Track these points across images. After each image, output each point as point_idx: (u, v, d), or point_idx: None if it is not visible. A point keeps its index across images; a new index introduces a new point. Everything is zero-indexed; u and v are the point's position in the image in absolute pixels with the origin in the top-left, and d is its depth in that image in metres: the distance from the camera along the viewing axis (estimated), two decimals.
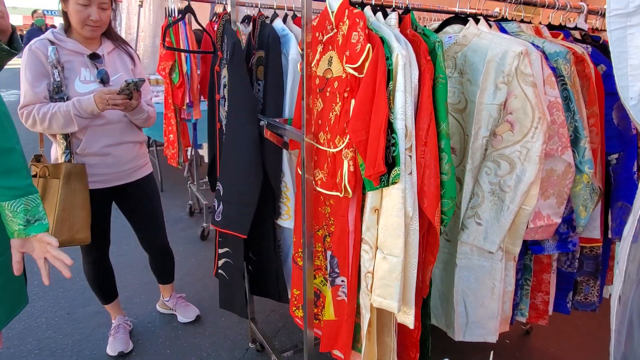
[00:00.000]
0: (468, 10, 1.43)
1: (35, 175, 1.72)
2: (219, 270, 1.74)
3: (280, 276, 1.72)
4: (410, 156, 1.09)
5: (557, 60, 1.42)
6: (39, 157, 1.77)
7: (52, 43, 1.67)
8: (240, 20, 2.22)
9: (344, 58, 1.13)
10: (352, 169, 1.15)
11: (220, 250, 1.71)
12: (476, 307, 1.53)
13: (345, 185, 1.16)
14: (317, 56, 1.26)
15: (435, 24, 1.45)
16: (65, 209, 1.68)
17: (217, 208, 1.57)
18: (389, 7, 1.27)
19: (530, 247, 1.56)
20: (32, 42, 1.67)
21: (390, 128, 1.07)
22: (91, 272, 2.00)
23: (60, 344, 2.17)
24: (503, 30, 1.47)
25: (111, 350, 2.05)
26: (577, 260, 1.71)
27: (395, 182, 1.06)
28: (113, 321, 2.17)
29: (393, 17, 1.19)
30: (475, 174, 1.42)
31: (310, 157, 1.27)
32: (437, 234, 1.16)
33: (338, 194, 1.22)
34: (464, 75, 1.40)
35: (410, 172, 1.09)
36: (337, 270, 1.31)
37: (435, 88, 1.14)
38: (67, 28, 1.72)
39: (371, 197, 1.15)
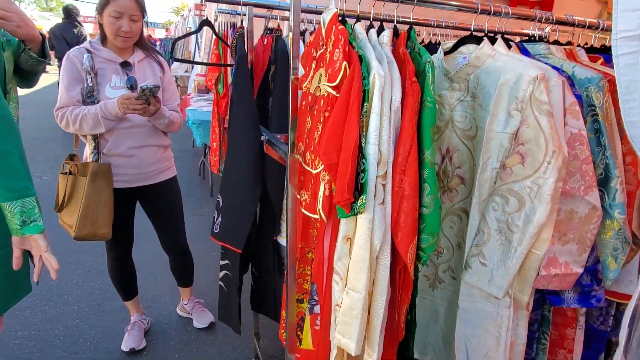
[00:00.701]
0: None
1: (67, 173, 1.84)
2: (219, 282, 1.74)
3: (278, 295, 1.67)
4: (384, 184, 1.00)
5: (587, 87, 1.24)
6: (72, 155, 1.90)
7: (88, 51, 1.79)
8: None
9: (327, 76, 1.08)
10: (327, 193, 1.08)
11: (222, 262, 1.71)
12: (479, 356, 1.37)
13: (319, 209, 1.10)
14: (311, 73, 1.22)
15: (450, 43, 1.34)
16: (90, 205, 1.77)
17: (217, 219, 1.57)
18: (391, 21, 1.19)
19: (548, 297, 1.36)
20: (71, 50, 1.81)
21: (361, 153, 0.99)
22: (113, 268, 2.10)
23: (83, 333, 2.29)
24: (525, 52, 1.32)
25: (124, 345, 2.12)
26: (611, 318, 1.47)
27: (361, 212, 0.98)
28: (131, 318, 2.25)
29: (386, 34, 1.11)
30: (482, 208, 1.27)
31: (294, 175, 1.22)
32: (411, 272, 1.05)
33: (318, 217, 1.16)
34: (475, 100, 1.28)
35: (383, 202, 1.00)
36: (315, 297, 1.24)
37: (421, 112, 1.04)
38: (103, 39, 1.84)
39: (344, 224, 1.07)
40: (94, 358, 2.12)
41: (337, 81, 1.02)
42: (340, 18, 1.10)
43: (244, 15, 1.66)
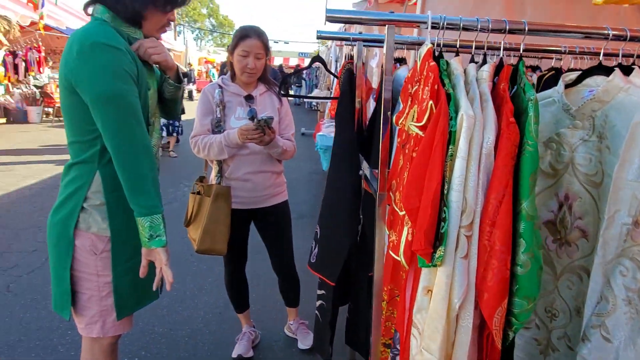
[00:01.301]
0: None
1: (195, 193, 2.07)
2: (316, 311, 1.75)
3: (370, 333, 1.61)
4: (469, 236, 0.90)
5: None
6: (202, 177, 2.14)
7: (219, 87, 2.01)
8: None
9: (416, 114, 1.02)
10: (409, 238, 1.01)
11: (318, 292, 1.72)
12: None
13: (401, 254, 1.03)
14: (407, 110, 1.17)
15: (574, 74, 1.16)
16: (211, 222, 1.96)
17: (314, 249, 1.59)
18: (497, 49, 1.09)
19: None
20: (206, 86, 2.05)
21: (443, 199, 0.90)
22: (227, 281, 2.28)
23: (204, 337, 2.52)
24: None
25: (234, 352, 2.28)
26: None
27: (439, 264, 0.89)
28: (242, 328, 2.40)
29: (486, 69, 1.01)
30: (607, 270, 1.05)
31: (383, 214, 1.18)
32: (498, 341, 0.91)
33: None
34: (602, 141, 1.08)
35: (466, 255, 0.90)
36: (397, 346, 1.16)
37: (519, 157, 0.91)
38: (233, 75, 2.05)
39: (425, 274, 0.98)
40: None
41: (424, 121, 0.96)
42: (436, 53, 1.04)
43: (352, 46, 1.68)
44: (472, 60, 1.07)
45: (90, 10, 1.34)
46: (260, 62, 1.97)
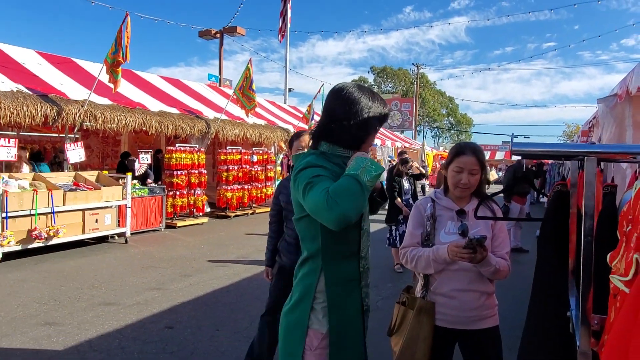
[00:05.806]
0: None
1: (401, 302, 2.11)
2: None
3: None
4: None
5: None
6: (409, 287, 2.18)
7: (432, 200, 2.09)
8: None
9: (623, 264, 0.88)
10: None
11: None
12: None
13: None
14: (621, 251, 1.00)
15: None
16: (412, 337, 1.95)
17: None
18: None
19: None
20: (420, 199, 2.15)
21: None
22: None
23: None
24: None
25: None
26: None
27: None
28: None
29: None
30: None
31: None
32: None
33: None
34: None
35: None
36: None
37: None
38: (446, 189, 2.10)
39: None
40: None
41: (630, 275, 0.82)
42: None
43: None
44: None
45: (317, 145, 1.61)
46: (475, 178, 1.97)
